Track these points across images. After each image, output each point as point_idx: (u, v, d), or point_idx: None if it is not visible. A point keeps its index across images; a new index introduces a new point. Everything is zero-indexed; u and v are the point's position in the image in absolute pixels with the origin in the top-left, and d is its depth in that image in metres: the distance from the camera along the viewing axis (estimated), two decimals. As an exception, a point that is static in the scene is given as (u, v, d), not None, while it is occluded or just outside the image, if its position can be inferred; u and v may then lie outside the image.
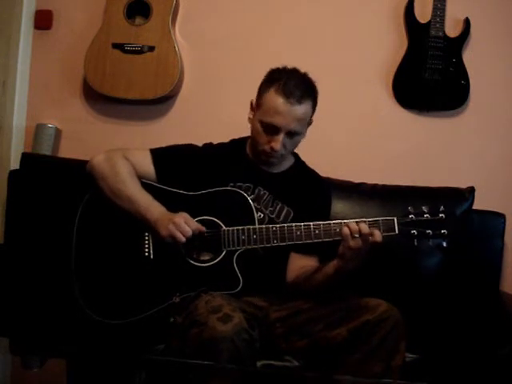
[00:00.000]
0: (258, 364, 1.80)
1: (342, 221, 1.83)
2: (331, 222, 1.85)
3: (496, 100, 2.66)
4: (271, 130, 1.93)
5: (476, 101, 2.64)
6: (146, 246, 1.94)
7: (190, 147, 2.09)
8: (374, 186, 2.48)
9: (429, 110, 2.67)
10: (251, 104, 2.03)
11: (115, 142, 2.71)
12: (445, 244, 1.83)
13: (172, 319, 1.86)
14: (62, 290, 2.08)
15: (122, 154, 2.02)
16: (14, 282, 2.24)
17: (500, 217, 2.45)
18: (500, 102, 2.66)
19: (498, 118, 2.67)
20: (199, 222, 1.92)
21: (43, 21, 2.79)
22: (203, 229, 1.89)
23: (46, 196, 2.39)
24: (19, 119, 2.81)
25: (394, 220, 1.83)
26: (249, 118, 2.03)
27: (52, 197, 2.37)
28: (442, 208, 1.84)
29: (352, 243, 1.77)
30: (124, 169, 1.98)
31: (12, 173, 2.48)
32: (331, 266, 1.87)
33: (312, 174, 2.16)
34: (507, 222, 2.46)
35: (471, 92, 2.61)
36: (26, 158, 2.49)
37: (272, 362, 1.86)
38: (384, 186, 2.48)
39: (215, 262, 1.90)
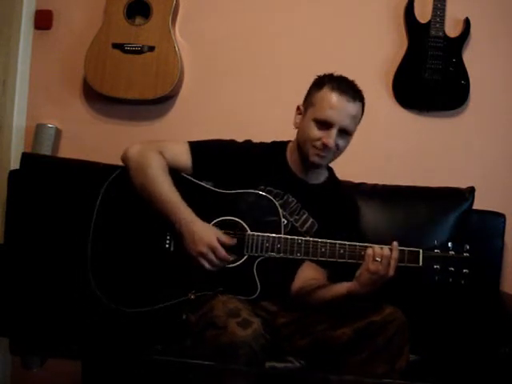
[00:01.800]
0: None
1: (369, 244, 1.80)
2: (357, 244, 1.83)
3: (496, 100, 2.66)
4: (324, 125, 1.93)
5: (476, 101, 2.64)
6: (168, 238, 1.91)
7: (230, 143, 2.06)
8: (374, 186, 2.48)
9: (429, 110, 2.67)
10: (298, 109, 2.02)
11: (115, 142, 2.70)
12: (463, 282, 1.81)
13: (184, 316, 1.85)
14: (61, 290, 2.08)
15: (158, 147, 1.98)
16: (14, 282, 2.24)
17: (500, 217, 2.45)
18: (500, 102, 2.66)
19: (498, 118, 2.67)
20: (224, 221, 1.91)
21: (43, 21, 2.79)
22: (229, 258, 1.86)
23: (46, 196, 2.39)
24: (19, 119, 2.81)
25: (419, 252, 1.81)
26: (296, 123, 2.02)
27: (52, 197, 2.37)
28: (467, 247, 1.83)
29: (372, 266, 1.75)
30: (156, 164, 1.93)
31: (12, 173, 2.48)
32: (344, 286, 1.83)
33: (345, 191, 2.16)
34: (507, 222, 2.46)
35: (471, 92, 2.61)
36: (26, 158, 2.48)
37: (274, 364, 1.86)
38: (384, 186, 2.48)
39: (236, 264, 1.88)
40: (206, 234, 1.85)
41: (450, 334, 2.19)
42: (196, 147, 2.01)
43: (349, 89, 1.95)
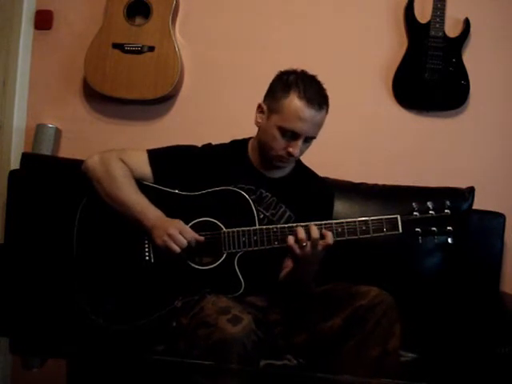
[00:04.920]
0: (260, 364, 1.80)
1: (343, 220, 1.81)
2: (332, 221, 1.82)
3: (496, 100, 2.66)
4: (290, 135, 1.90)
5: (476, 101, 2.64)
6: (147, 249, 1.93)
7: (188, 148, 2.07)
8: (374, 186, 2.48)
9: (429, 110, 2.67)
10: (260, 107, 1.97)
11: (115, 142, 2.71)
12: (450, 241, 1.78)
13: (174, 323, 1.85)
14: (62, 290, 2.08)
15: (118, 155, 1.99)
16: (14, 282, 2.24)
17: (500, 217, 2.46)
18: (500, 101, 2.66)
19: (498, 118, 2.67)
20: (199, 223, 1.91)
21: (43, 21, 2.80)
22: (201, 238, 1.87)
23: (46, 196, 2.39)
24: (19, 119, 2.81)
25: (397, 218, 1.78)
26: (257, 122, 1.98)
27: (52, 197, 2.37)
28: (448, 203, 1.78)
29: (299, 252, 1.78)
30: (119, 172, 1.95)
31: (12, 173, 2.48)
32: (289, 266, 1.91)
33: (314, 177, 2.14)
34: (507, 222, 2.46)
35: (471, 92, 2.61)
36: (26, 157, 2.49)
37: (272, 362, 1.86)
38: (384, 186, 2.48)
39: (216, 264, 1.88)
40: (175, 221, 1.87)
41: (450, 334, 2.19)
42: (154, 156, 2.01)
43: (316, 95, 1.89)
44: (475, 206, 2.40)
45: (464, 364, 2.02)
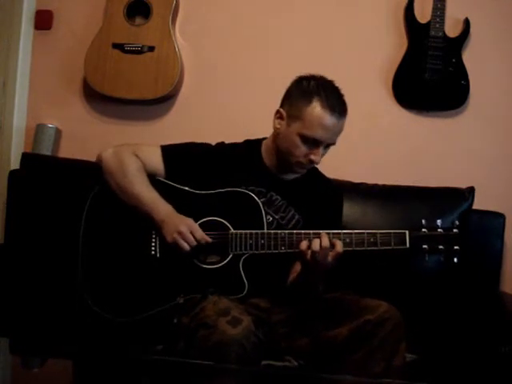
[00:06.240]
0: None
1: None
2: (341, 231, 1.83)
3: (496, 100, 2.66)
4: (311, 143, 1.91)
5: (476, 101, 2.65)
6: (153, 244, 1.92)
7: (202, 146, 2.07)
8: (374, 186, 2.48)
9: (429, 110, 2.67)
10: (279, 113, 1.97)
11: (115, 142, 2.68)
12: (456, 260, 1.79)
13: (176, 320, 1.85)
14: (62, 290, 2.08)
15: (132, 149, 2.00)
16: (14, 282, 2.24)
17: (500, 217, 2.45)
18: (500, 101, 2.67)
19: (498, 118, 2.67)
20: (207, 222, 1.91)
21: (43, 21, 2.80)
22: (209, 240, 1.87)
23: (46, 196, 2.39)
24: (19, 119, 2.81)
25: (405, 233, 1.80)
26: (276, 128, 1.99)
27: (52, 197, 2.37)
28: (457, 223, 1.80)
29: (310, 258, 1.78)
30: (132, 165, 1.96)
31: (12, 173, 2.48)
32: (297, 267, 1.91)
33: (321, 178, 2.14)
34: (507, 222, 2.46)
35: (471, 92, 2.61)
36: (26, 157, 2.49)
37: (272, 362, 1.86)
38: (384, 186, 2.48)
39: (221, 264, 1.88)
40: (185, 218, 1.88)
41: (450, 334, 2.19)
42: (168, 151, 2.02)
43: (338, 103, 1.91)
44: (475, 206, 2.40)
45: (464, 364, 2.02)
